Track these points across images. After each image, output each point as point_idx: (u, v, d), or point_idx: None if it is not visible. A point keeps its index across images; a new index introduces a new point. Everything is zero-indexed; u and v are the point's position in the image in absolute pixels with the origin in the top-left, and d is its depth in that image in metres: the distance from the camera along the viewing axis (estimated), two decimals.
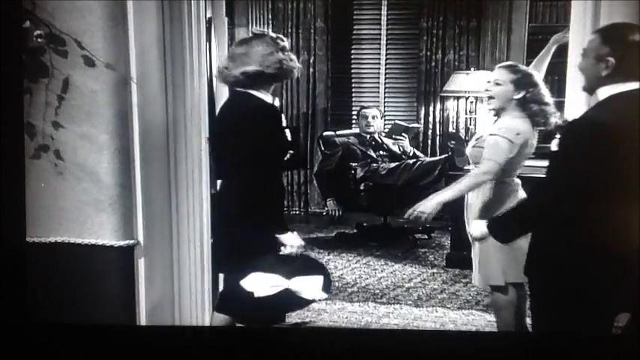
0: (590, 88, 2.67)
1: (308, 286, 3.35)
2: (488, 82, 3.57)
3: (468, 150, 3.72)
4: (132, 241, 3.41)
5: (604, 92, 2.60)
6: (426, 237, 6.76)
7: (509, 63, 3.68)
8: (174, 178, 3.51)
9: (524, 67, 3.58)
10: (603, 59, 2.57)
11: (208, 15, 3.97)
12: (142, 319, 3.51)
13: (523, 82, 3.47)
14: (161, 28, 3.39)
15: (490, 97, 3.54)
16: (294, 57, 3.33)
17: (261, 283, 3.24)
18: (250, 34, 3.35)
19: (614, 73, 2.56)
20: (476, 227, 3.23)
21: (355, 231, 6.89)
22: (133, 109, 3.35)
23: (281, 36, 3.35)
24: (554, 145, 3.28)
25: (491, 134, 3.47)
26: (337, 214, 6.46)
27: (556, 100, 3.52)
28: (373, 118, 6.63)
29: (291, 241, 3.29)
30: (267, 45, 3.26)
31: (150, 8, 3.35)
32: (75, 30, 3.23)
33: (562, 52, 3.77)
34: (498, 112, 3.55)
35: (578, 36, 3.42)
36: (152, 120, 3.41)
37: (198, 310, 3.72)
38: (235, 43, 3.41)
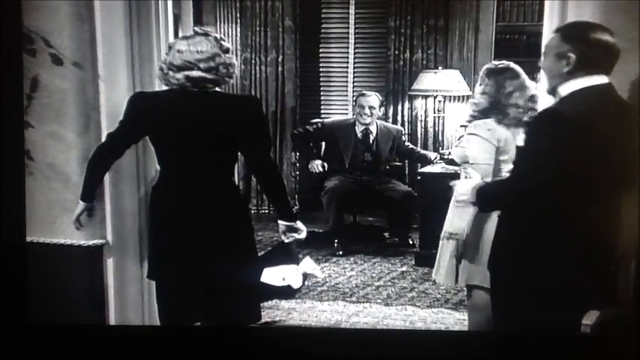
0: (552, 87, 2.69)
1: (311, 265, 3.38)
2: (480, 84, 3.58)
3: (453, 151, 3.74)
4: (101, 241, 3.41)
5: (566, 89, 2.62)
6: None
7: (495, 63, 3.67)
8: (143, 177, 3.49)
9: (514, 66, 3.59)
10: (564, 56, 2.60)
11: (175, 13, 3.95)
12: (112, 319, 3.50)
13: (509, 77, 3.49)
14: (129, 26, 3.37)
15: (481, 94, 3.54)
16: (235, 61, 3.17)
17: (286, 275, 3.23)
18: (192, 32, 3.15)
19: (575, 69, 2.58)
20: (462, 186, 3.07)
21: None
22: (101, 108, 3.35)
23: (223, 37, 3.20)
24: (520, 140, 3.32)
25: (468, 133, 3.48)
26: (322, 169, 6.31)
27: None
28: (370, 108, 6.31)
29: (302, 227, 3.31)
30: (212, 47, 3.07)
31: (117, 7, 3.33)
32: (43, 28, 3.22)
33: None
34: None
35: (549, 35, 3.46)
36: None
37: None
38: (177, 42, 3.15)
